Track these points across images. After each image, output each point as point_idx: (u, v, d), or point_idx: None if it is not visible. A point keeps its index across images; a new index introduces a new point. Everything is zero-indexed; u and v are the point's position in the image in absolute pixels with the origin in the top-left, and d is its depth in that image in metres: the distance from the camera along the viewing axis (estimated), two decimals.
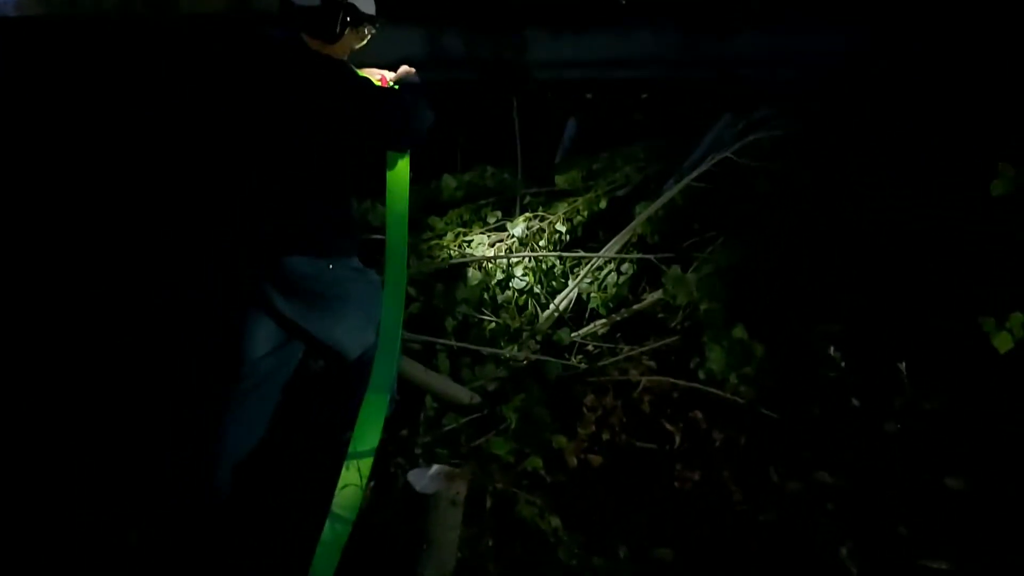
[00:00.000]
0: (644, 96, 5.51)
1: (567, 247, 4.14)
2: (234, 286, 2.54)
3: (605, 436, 3.20)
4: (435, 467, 2.64)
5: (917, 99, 4.05)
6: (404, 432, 3.07)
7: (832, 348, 3.18)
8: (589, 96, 6.05)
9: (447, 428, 3.11)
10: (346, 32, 2.54)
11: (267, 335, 2.56)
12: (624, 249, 4.03)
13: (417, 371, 3.22)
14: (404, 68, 2.81)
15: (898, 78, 4.27)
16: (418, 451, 2.91)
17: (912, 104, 4.04)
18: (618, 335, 3.76)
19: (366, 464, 2.44)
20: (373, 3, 2.62)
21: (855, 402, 3.07)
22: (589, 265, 3.94)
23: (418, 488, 2.56)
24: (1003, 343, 2.88)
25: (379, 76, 2.75)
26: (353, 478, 2.40)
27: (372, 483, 2.64)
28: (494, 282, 3.85)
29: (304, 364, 2.77)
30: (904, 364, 3.04)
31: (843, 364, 3.14)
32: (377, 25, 2.65)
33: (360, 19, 2.56)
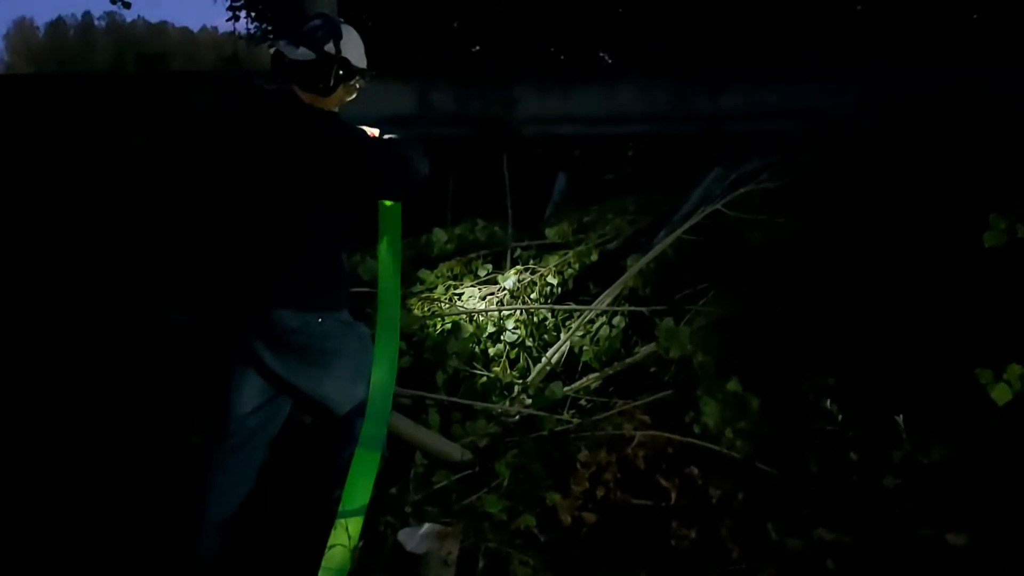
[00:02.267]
0: (630, 153, 5.57)
1: (558, 300, 4.13)
2: (223, 340, 2.50)
3: (599, 493, 3.13)
4: (426, 526, 2.58)
5: (906, 151, 4.10)
6: (394, 490, 3.01)
7: (828, 401, 3.15)
8: (577, 153, 6.14)
9: (438, 485, 3.04)
10: (339, 86, 2.55)
11: (254, 391, 2.53)
12: (616, 302, 4.01)
13: (407, 427, 3.17)
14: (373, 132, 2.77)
15: (885, 130, 4.32)
16: (408, 509, 2.84)
17: (901, 156, 4.09)
18: (611, 389, 3.72)
19: (356, 523, 2.39)
20: (364, 56, 2.63)
21: (853, 456, 3.02)
22: (581, 318, 3.92)
23: (409, 548, 2.50)
24: (1001, 395, 2.86)
25: (370, 132, 2.75)
26: (342, 538, 2.35)
27: (361, 543, 2.57)
28: (485, 335, 3.81)
29: (292, 419, 2.72)
30: (901, 417, 3.00)
31: (840, 417, 3.11)
32: (368, 78, 2.66)
33: (352, 72, 2.57)
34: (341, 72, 2.52)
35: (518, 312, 3.94)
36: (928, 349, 3.31)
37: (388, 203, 2.77)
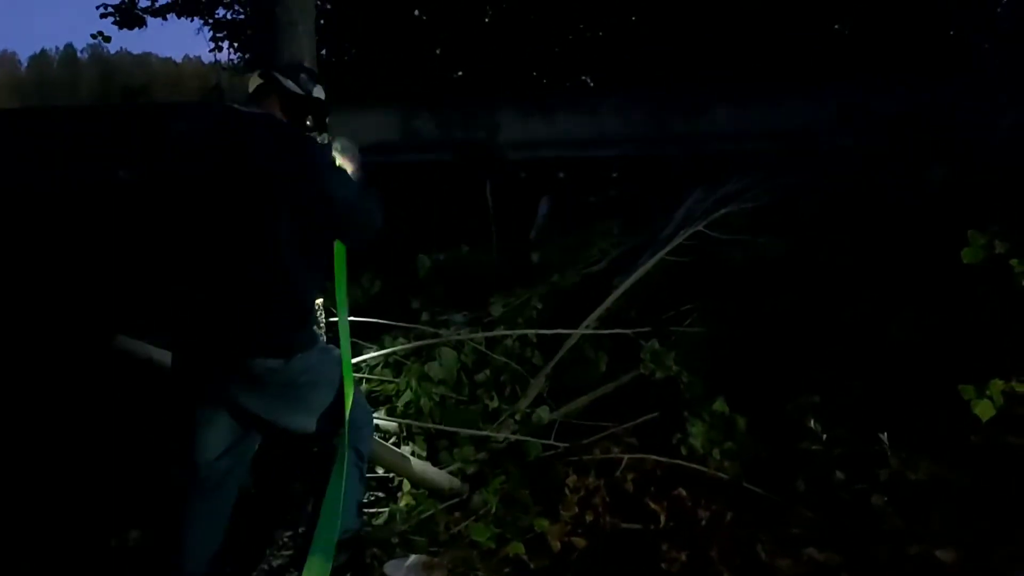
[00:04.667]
0: (614, 175, 5.60)
1: (544, 324, 4.11)
2: (196, 384, 2.46)
3: (589, 517, 3.12)
4: (412, 557, 2.56)
5: (883, 167, 4.14)
6: (380, 520, 2.99)
7: (812, 420, 3.15)
8: (561, 176, 6.16)
9: (425, 515, 3.02)
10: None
11: (224, 432, 2.48)
12: (601, 324, 4.01)
13: (393, 456, 3.15)
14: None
15: (863, 148, 4.36)
16: (394, 540, 2.82)
17: (878, 172, 4.13)
18: (598, 412, 3.71)
19: None
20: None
21: (839, 475, 3.02)
22: (567, 342, 3.91)
23: None
24: (984, 411, 2.87)
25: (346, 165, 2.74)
26: None
27: (348, 575, 2.55)
28: (471, 361, 3.80)
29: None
30: (886, 435, 3.00)
31: (824, 436, 3.11)
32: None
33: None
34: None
35: (504, 337, 3.92)
36: (911, 366, 3.32)
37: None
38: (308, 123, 2.57)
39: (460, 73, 10.27)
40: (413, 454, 3.31)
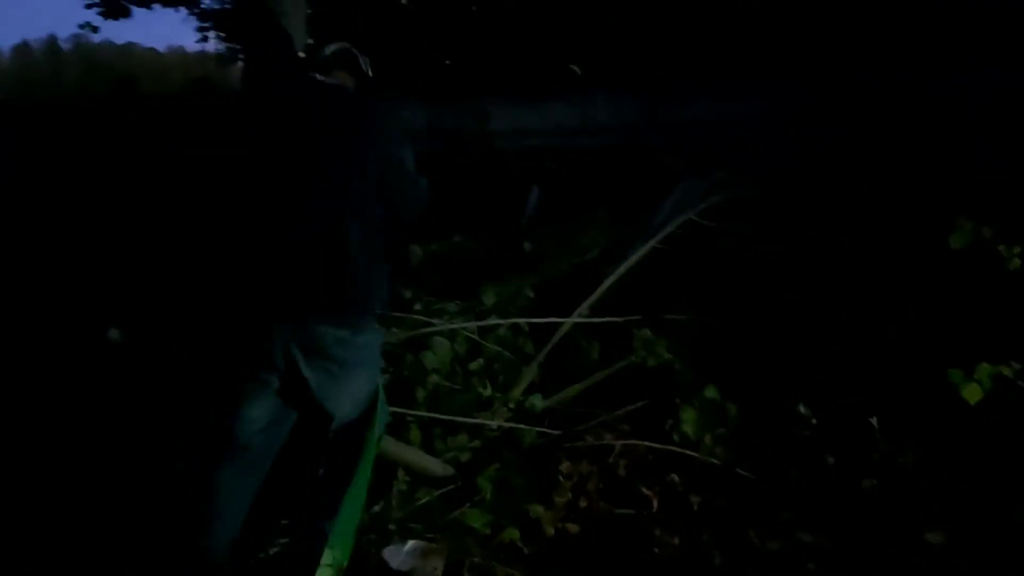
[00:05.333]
0: (604, 165, 5.61)
1: (536, 313, 4.13)
2: (253, 350, 2.39)
3: (582, 503, 3.16)
4: (410, 543, 2.58)
5: (870, 154, 4.17)
6: (377, 507, 3.00)
7: (802, 406, 3.19)
8: (551, 165, 6.17)
9: (421, 502, 3.04)
10: None
11: (266, 409, 2.42)
12: (593, 313, 4.03)
13: (388, 444, 3.16)
14: None
15: (848, 134, 4.40)
16: (392, 527, 2.84)
17: (865, 159, 4.16)
18: (591, 400, 3.74)
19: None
20: None
21: (830, 459, 3.06)
22: (559, 330, 3.93)
23: (394, 566, 2.50)
24: (972, 394, 2.92)
25: None
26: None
27: (345, 563, 2.56)
28: (464, 350, 3.82)
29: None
30: (876, 419, 3.04)
31: (814, 421, 3.15)
32: None
33: None
34: None
35: (497, 326, 3.94)
36: (901, 352, 3.36)
37: None
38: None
39: (448, 63, 10.26)
40: (408, 442, 3.32)
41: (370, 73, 2.64)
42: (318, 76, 2.50)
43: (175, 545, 2.52)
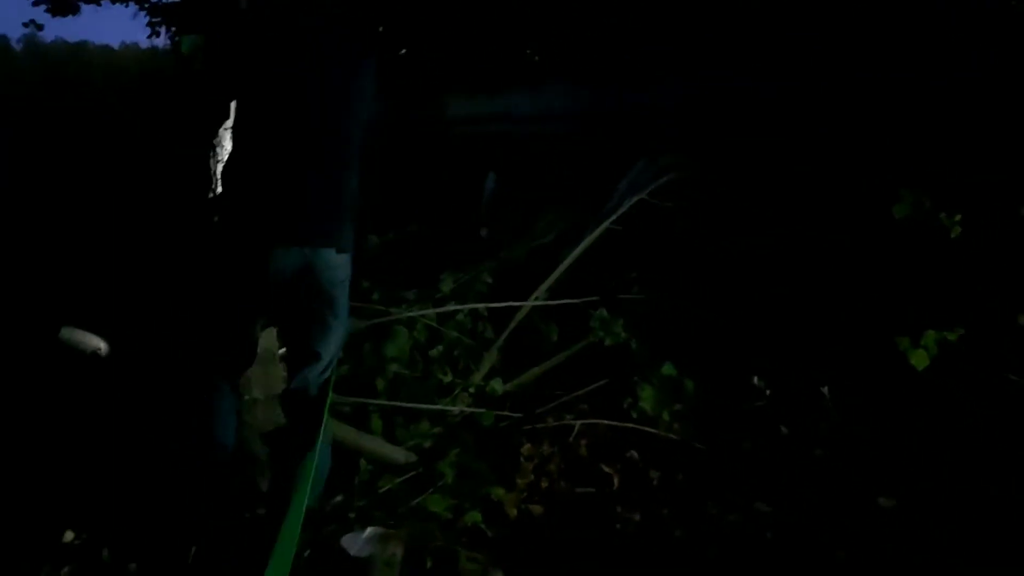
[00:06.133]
0: (559, 150, 5.62)
1: (495, 297, 4.15)
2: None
3: (544, 484, 3.18)
4: (368, 529, 2.58)
5: (813, 125, 4.22)
6: (339, 498, 3.00)
7: (756, 378, 3.24)
8: (506, 152, 6.16)
9: (383, 489, 3.05)
10: None
11: None
12: (550, 296, 4.06)
13: (349, 433, 3.17)
14: None
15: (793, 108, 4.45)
16: (352, 515, 2.84)
17: (811, 130, 4.21)
18: (551, 381, 3.77)
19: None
20: None
21: (784, 430, 3.12)
22: (518, 314, 3.95)
23: (352, 553, 2.50)
24: (920, 360, 2.99)
25: None
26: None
27: (306, 552, 2.57)
28: (424, 338, 3.82)
29: None
30: (827, 388, 3.10)
31: (768, 392, 3.20)
32: None
33: None
34: None
35: (455, 312, 3.95)
36: (849, 321, 3.42)
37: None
38: None
39: (403, 51, 10.20)
40: (369, 431, 3.33)
41: None
42: None
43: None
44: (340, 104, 2.51)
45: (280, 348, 2.95)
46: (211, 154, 2.77)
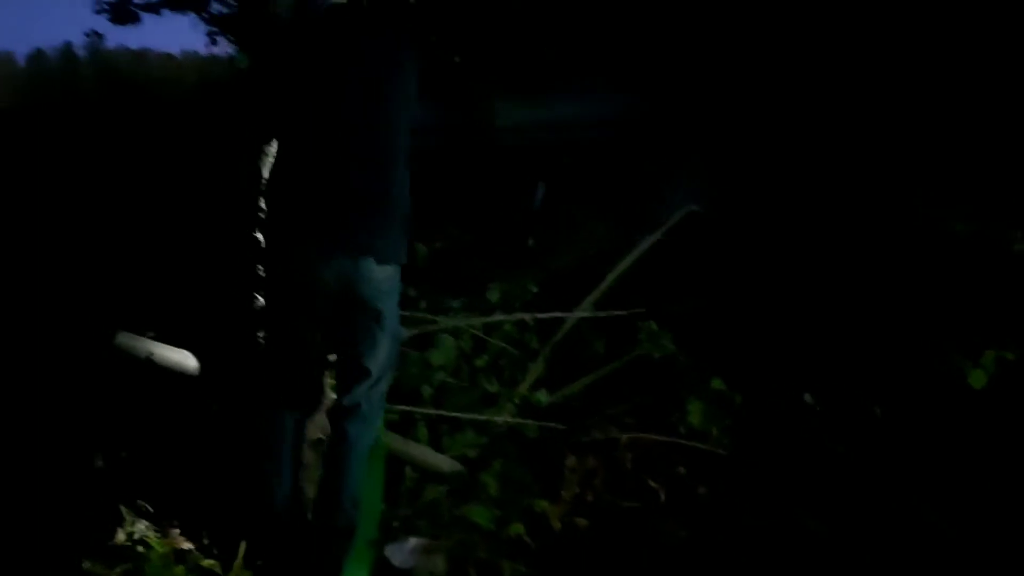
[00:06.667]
0: (609, 158, 5.59)
1: (542, 308, 4.13)
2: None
3: (589, 497, 3.16)
4: (412, 540, 2.59)
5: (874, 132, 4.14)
6: (383, 506, 3.02)
7: (807, 395, 3.18)
8: (564, 160, 6.15)
9: (428, 499, 3.05)
10: None
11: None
12: (598, 307, 4.03)
13: (395, 441, 3.18)
14: None
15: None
16: (396, 524, 2.85)
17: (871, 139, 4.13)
18: (597, 394, 3.74)
19: None
20: None
21: (836, 449, 3.05)
22: (564, 325, 3.93)
23: (395, 563, 2.51)
24: (977, 380, 2.91)
25: None
26: None
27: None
28: (470, 347, 3.83)
29: None
30: (879, 407, 3.03)
31: (819, 410, 3.14)
32: None
33: None
34: None
35: (502, 322, 3.94)
36: (903, 339, 3.34)
37: None
38: None
39: (457, 60, 10.23)
40: (415, 440, 3.34)
41: None
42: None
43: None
44: (380, 107, 2.46)
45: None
46: (262, 163, 2.80)
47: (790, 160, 4.33)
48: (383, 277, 2.47)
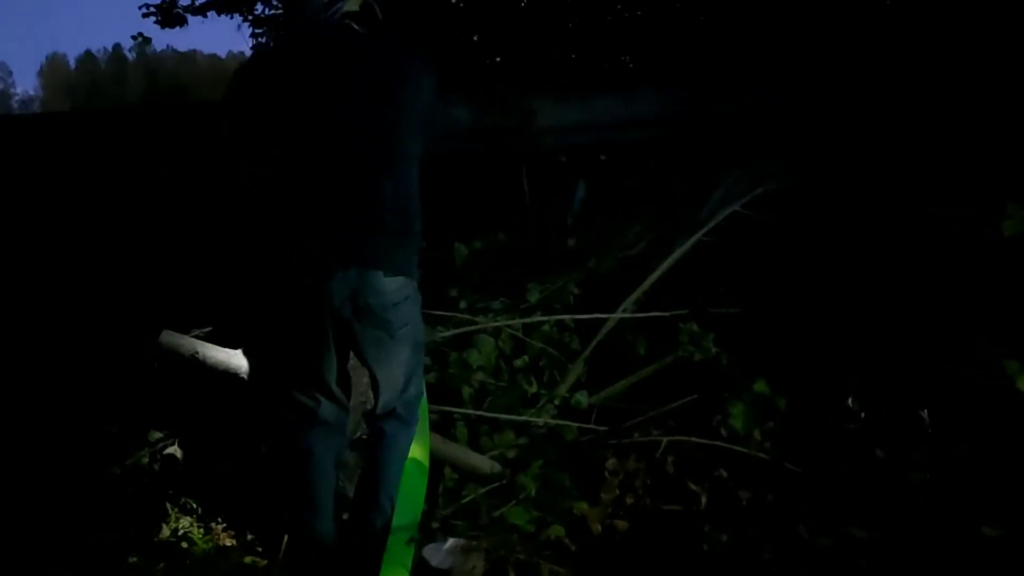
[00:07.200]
0: (650, 158, 5.55)
1: (581, 309, 4.12)
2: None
3: (629, 500, 3.14)
4: (450, 541, 2.60)
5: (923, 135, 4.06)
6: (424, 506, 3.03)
7: (851, 399, 3.13)
8: (603, 157, 6.12)
9: (467, 499, 3.06)
10: None
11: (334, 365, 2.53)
12: (638, 307, 4.01)
13: (435, 442, 3.19)
14: None
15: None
16: (435, 524, 2.87)
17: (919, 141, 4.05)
18: (638, 395, 3.72)
19: None
20: None
21: (880, 453, 3.00)
22: (605, 326, 3.92)
23: (434, 564, 2.52)
24: None
25: None
26: None
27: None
28: (509, 347, 3.83)
29: None
30: (926, 411, 2.97)
31: (863, 415, 3.09)
32: None
33: None
34: None
35: (542, 323, 3.94)
36: (951, 342, 3.27)
37: None
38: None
39: (497, 60, 10.24)
40: (455, 440, 3.35)
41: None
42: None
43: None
44: (382, 107, 2.38)
45: None
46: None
47: (839, 160, 4.25)
48: (392, 288, 2.40)
